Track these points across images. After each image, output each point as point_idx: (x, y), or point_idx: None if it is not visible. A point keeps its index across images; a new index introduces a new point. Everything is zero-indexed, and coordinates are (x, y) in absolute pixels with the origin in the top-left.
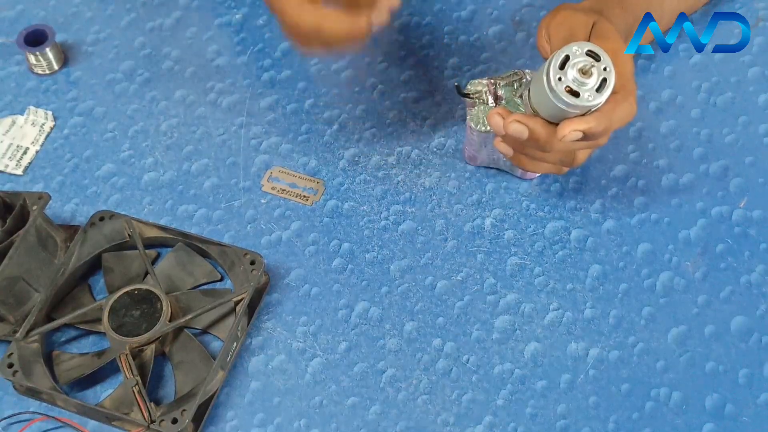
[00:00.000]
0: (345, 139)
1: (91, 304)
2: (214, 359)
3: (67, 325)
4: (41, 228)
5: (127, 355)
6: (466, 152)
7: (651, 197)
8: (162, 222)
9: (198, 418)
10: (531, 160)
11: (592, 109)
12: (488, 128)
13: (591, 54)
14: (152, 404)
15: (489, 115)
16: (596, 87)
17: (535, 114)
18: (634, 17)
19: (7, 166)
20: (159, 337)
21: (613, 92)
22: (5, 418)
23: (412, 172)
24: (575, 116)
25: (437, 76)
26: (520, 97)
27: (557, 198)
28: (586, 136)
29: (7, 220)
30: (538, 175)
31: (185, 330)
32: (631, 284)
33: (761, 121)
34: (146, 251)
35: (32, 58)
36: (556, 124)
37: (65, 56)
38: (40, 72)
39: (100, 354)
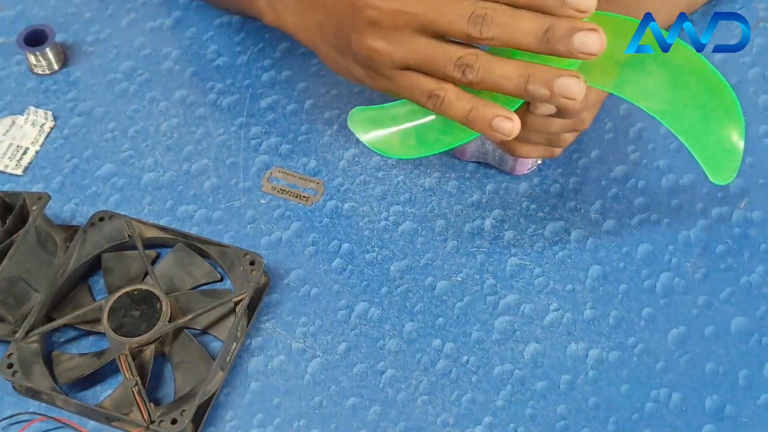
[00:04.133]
0: (345, 139)
1: (91, 305)
2: (214, 360)
3: (66, 326)
4: (41, 228)
5: (126, 355)
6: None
7: (651, 198)
8: (162, 222)
9: (197, 419)
10: (518, 143)
11: None
12: None
13: None
14: (152, 405)
15: None
16: None
17: None
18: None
19: (7, 166)
20: (159, 338)
21: None
22: (5, 419)
23: (412, 172)
24: None
25: None
26: None
27: (557, 198)
28: (561, 113)
29: (7, 220)
30: (527, 170)
31: (185, 330)
32: (630, 285)
33: (761, 121)
34: (146, 251)
35: (32, 58)
36: None
37: (65, 56)
38: (40, 72)
39: (99, 354)
